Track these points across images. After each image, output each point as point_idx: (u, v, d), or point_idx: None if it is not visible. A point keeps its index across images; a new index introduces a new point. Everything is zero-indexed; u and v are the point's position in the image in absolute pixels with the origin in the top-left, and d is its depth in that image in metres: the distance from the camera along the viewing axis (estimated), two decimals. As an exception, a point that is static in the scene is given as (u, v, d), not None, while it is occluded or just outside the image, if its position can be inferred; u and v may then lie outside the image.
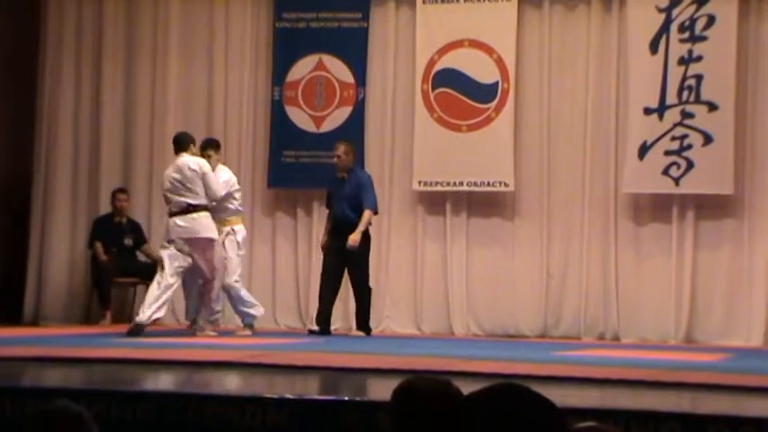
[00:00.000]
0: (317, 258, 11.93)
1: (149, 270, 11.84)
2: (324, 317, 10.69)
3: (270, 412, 4.99)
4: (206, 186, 9.87)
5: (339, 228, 10.73)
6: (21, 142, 12.49)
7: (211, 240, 9.89)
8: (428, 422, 2.60)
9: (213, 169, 10.16)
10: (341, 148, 10.90)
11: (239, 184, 10.66)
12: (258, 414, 5.00)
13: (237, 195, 10.51)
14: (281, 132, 12.07)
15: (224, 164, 10.71)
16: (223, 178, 10.29)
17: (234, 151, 12.20)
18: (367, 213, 10.69)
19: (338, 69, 12.00)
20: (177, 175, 9.86)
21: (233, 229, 10.40)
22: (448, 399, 2.55)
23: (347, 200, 10.75)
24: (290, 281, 12.08)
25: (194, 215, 9.83)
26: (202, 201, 9.88)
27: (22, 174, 12.46)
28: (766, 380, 6.58)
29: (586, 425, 2.55)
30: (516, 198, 11.72)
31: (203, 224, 9.86)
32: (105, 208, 12.20)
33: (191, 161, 9.92)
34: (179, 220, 9.81)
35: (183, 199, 9.82)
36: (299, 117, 12.05)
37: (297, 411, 5.00)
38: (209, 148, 10.44)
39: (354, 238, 10.53)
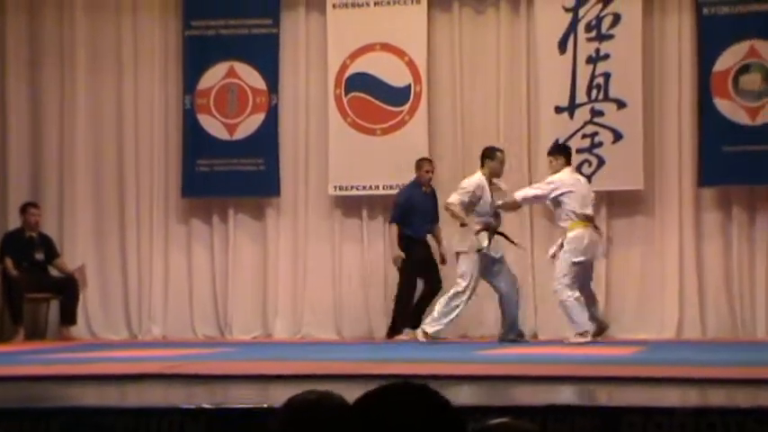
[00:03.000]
0: (234, 266, 11.90)
1: (62, 285, 11.68)
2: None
3: (187, 423, 4.95)
4: None
5: (424, 240, 10.90)
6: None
7: None
8: None
9: None
10: (431, 164, 11.09)
11: (153, 193, 10.54)
12: (175, 425, 4.95)
13: None
14: (194, 141, 11.99)
15: None
16: None
17: (146, 161, 12.10)
18: None
19: (250, 76, 11.95)
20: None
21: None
22: (336, 409, 2.54)
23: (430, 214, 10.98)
24: (206, 289, 12.01)
25: None
26: None
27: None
28: (678, 371, 6.69)
29: (499, 421, 2.55)
30: (431, 200, 11.75)
31: None
32: (15, 223, 12.00)
33: None
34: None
35: None
36: (212, 125, 11.98)
37: (214, 421, 4.96)
38: None
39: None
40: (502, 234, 10.52)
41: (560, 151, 10.54)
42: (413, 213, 11.05)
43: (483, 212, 10.34)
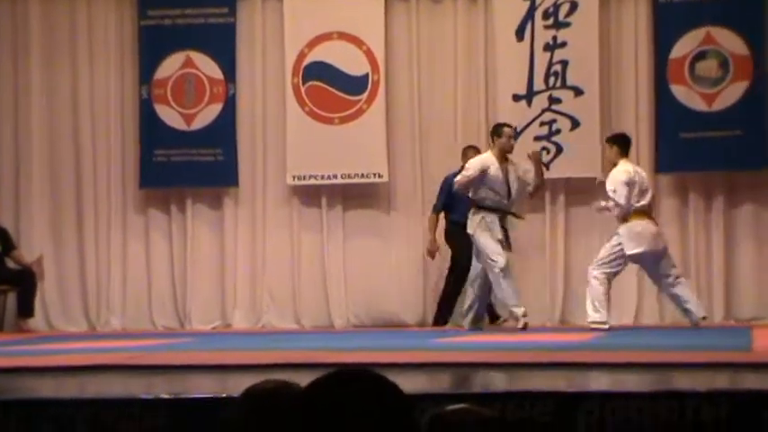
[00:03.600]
0: (193, 257, 11.85)
1: (19, 277, 11.60)
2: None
3: (146, 413, 4.93)
4: None
5: (465, 226, 10.38)
6: None
7: None
8: (276, 424, 2.61)
9: None
10: (476, 152, 10.78)
11: (110, 184, 10.43)
12: (134, 416, 4.93)
13: None
14: (151, 131, 11.92)
15: None
16: None
17: (103, 151, 12.02)
18: None
19: (207, 66, 11.89)
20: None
21: None
22: (294, 398, 2.54)
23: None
24: (165, 280, 11.96)
25: None
26: None
27: None
28: (636, 355, 6.75)
29: (456, 407, 2.56)
30: (391, 189, 11.78)
31: None
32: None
33: None
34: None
35: None
36: (169, 115, 11.91)
37: (173, 411, 4.95)
38: None
39: None
40: (512, 213, 10.29)
41: (614, 140, 10.29)
42: (460, 200, 10.73)
43: (495, 189, 10.10)
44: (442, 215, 11.22)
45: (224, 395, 5.19)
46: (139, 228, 12.02)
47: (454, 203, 10.88)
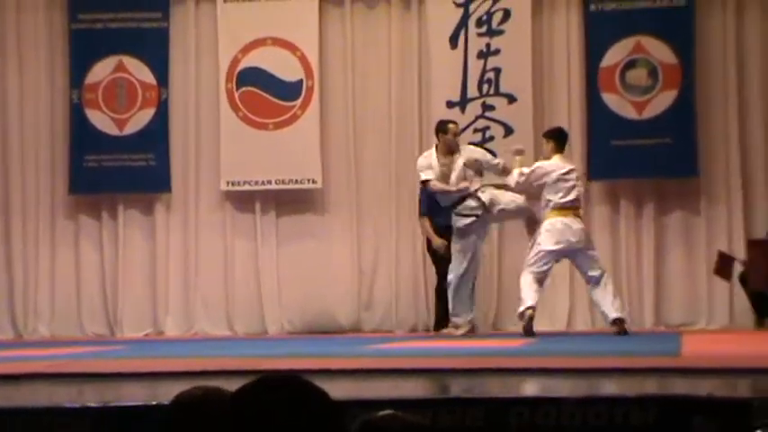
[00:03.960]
0: (124, 263, 11.74)
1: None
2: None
3: (73, 422, 4.86)
4: None
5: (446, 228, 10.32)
6: None
7: None
8: (204, 430, 2.59)
9: None
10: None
11: (39, 190, 10.29)
12: (61, 425, 4.86)
13: None
14: (82, 136, 11.79)
15: None
16: None
17: (31, 157, 11.86)
18: None
19: (139, 70, 11.79)
20: None
21: None
22: (222, 404, 2.52)
23: None
24: (95, 287, 11.82)
25: None
26: None
27: None
28: (566, 361, 6.79)
29: (384, 413, 2.55)
30: (325, 195, 11.77)
31: None
32: None
33: None
34: None
35: None
36: (101, 120, 11.79)
37: (101, 420, 4.89)
38: None
39: None
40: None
41: (550, 136, 10.21)
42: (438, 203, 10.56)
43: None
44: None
45: (154, 403, 5.14)
46: (69, 234, 11.87)
47: (435, 207, 10.84)
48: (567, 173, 9.92)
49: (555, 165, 9.94)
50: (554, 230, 9.80)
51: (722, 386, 5.44)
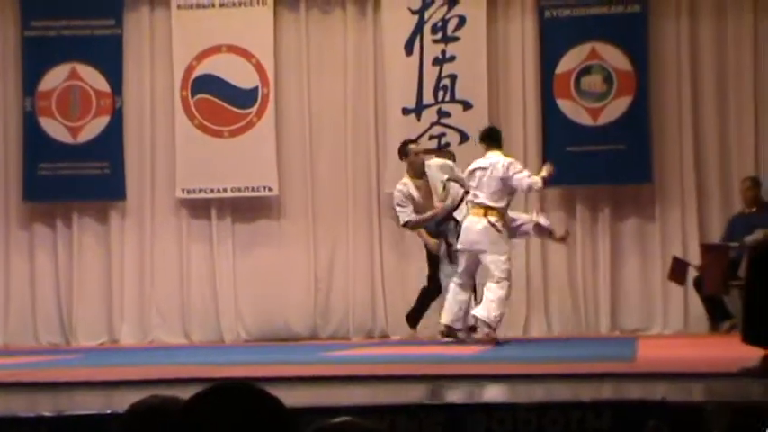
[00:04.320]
0: (79, 271, 11.65)
1: None
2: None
3: (27, 432, 4.83)
4: None
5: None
6: None
7: None
8: None
9: None
10: None
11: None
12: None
13: None
14: (36, 144, 11.69)
15: None
16: None
17: (-16, 164, 11.75)
18: None
19: (93, 78, 11.71)
20: None
21: None
22: (178, 413, 2.51)
23: None
24: (50, 295, 11.72)
25: None
26: None
27: None
28: (522, 368, 6.81)
29: (340, 420, 2.55)
30: (281, 202, 11.75)
31: None
32: None
33: None
34: None
35: None
36: (54, 128, 11.70)
37: (55, 429, 4.85)
38: None
39: None
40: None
41: (480, 138, 10.10)
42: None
43: (418, 212, 10.06)
44: None
45: (109, 411, 5.11)
46: (23, 242, 11.77)
47: None
48: (476, 170, 9.67)
49: (476, 162, 9.77)
50: (462, 229, 9.67)
51: (676, 390, 5.48)
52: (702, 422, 4.51)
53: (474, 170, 9.71)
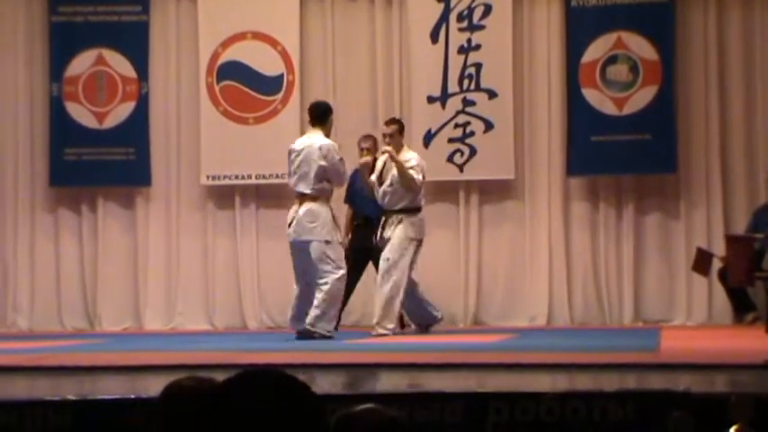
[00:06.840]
0: (104, 257, 11.71)
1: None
2: None
3: (52, 415, 4.86)
4: None
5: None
6: None
7: None
8: (195, 420, 2.60)
9: None
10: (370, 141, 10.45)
11: (18, 182, 10.22)
12: (40, 418, 4.86)
13: None
14: (62, 129, 11.75)
15: None
16: None
17: (10, 149, 11.81)
18: None
19: (119, 64, 11.75)
20: None
21: None
22: (213, 395, 2.54)
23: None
24: (75, 280, 11.78)
25: None
26: None
27: None
28: (545, 357, 6.80)
29: (363, 407, 2.57)
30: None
31: None
32: None
33: None
34: None
35: None
36: (81, 113, 11.75)
37: (80, 413, 4.88)
38: None
39: None
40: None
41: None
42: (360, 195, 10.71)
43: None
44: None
45: (132, 396, 5.14)
46: (49, 227, 11.83)
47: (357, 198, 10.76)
48: (291, 153, 9.52)
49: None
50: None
51: (700, 381, 5.47)
52: (726, 413, 4.50)
53: (290, 153, 9.55)
